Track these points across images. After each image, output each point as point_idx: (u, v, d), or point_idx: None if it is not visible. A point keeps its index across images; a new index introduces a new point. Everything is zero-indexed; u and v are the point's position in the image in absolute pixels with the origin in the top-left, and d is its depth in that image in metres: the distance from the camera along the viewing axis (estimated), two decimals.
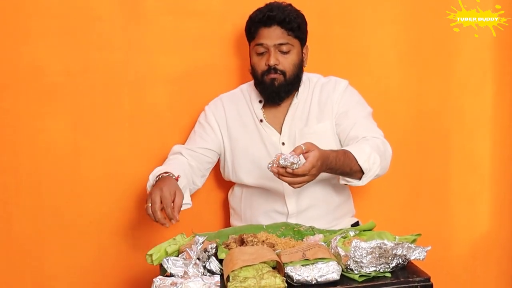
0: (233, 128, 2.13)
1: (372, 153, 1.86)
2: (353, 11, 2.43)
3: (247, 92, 2.16)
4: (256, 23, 2.03)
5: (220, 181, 2.31)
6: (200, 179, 2.14)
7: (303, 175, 1.66)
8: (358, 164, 1.83)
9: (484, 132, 2.57)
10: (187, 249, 1.54)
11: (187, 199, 1.93)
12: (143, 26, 2.30)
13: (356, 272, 1.50)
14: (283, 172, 1.65)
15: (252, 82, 2.16)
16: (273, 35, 2.00)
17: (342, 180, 1.93)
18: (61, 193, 2.30)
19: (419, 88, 2.50)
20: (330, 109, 2.06)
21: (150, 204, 1.75)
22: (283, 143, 2.07)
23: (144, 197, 2.33)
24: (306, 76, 2.13)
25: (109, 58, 2.28)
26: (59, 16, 2.24)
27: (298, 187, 1.71)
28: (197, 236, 1.58)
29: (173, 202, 1.76)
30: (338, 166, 1.79)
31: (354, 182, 1.90)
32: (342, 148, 1.88)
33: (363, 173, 1.86)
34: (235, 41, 2.35)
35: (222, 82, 2.31)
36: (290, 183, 1.69)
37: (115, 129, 2.32)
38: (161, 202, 1.75)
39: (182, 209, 1.90)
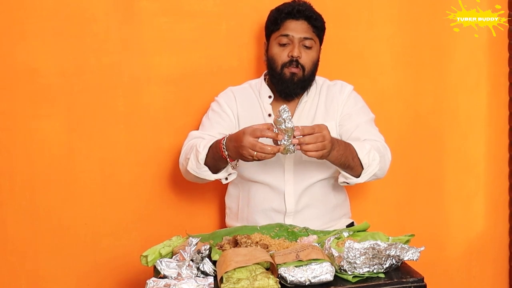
0: (243, 120, 2.13)
1: (372, 150, 1.90)
2: (352, 11, 2.44)
3: (256, 88, 2.17)
4: (284, 14, 2.06)
5: (215, 182, 2.31)
6: None
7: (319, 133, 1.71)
8: (358, 158, 1.86)
9: (479, 133, 2.58)
10: (180, 250, 1.54)
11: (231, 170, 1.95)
12: (138, 28, 2.30)
13: (349, 273, 1.50)
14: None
15: (260, 78, 2.17)
16: (299, 28, 2.05)
17: (342, 178, 1.94)
18: (56, 194, 2.30)
19: (415, 88, 2.51)
20: (335, 110, 2.10)
21: (255, 152, 1.73)
22: None
23: (138, 198, 2.34)
24: None
25: (104, 60, 2.28)
26: (54, 17, 2.24)
27: (320, 148, 1.72)
28: (190, 238, 1.58)
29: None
30: (341, 152, 1.82)
31: (354, 180, 1.92)
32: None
33: (362, 169, 1.89)
34: (230, 42, 2.35)
35: (217, 83, 2.31)
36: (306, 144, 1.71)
37: (110, 130, 2.32)
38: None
39: (228, 181, 1.96)
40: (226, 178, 1.98)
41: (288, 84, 2.05)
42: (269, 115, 2.10)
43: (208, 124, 2.12)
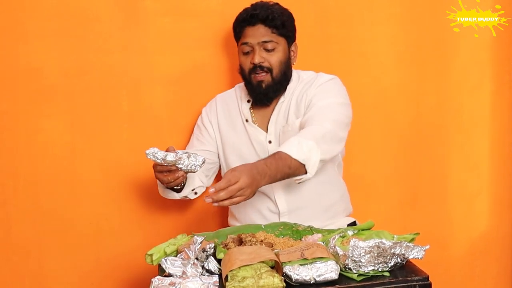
0: (223, 128, 2.15)
1: (302, 141, 1.79)
2: (353, 11, 2.43)
3: (239, 92, 2.17)
4: (240, 23, 2.06)
5: (218, 180, 2.31)
6: (205, 178, 2.15)
7: (239, 189, 1.62)
8: (295, 159, 1.77)
9: (482, 132, 2.57)
10: (185, 249, 1.54)
11: (198, 183, 2.07)
12: (141, 27, 2.30)
13: (354, 271, 1.49)
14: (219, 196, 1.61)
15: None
16: (257, 34, 2.02)
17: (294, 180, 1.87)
18: (59, 193, 2.30)
19: (418, 87, 2.51)
20: (304, 104, 2.04)
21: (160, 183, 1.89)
22: (269, 142, 2.07)
23: (142, 197, 2.35)
24: (297, 74, 2.12)
25: (107, 59, 2.28)
26: (57, 17, 2.24)
27: (236, 202, 1.64)
28: (195, 236, 1.58)
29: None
30: (274, 172, 1.72)
31: (304, 177, 1.83)
32: (271, 153, 1.82)
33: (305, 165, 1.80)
34: (232, 41, 2.34)
35: (219, 82, 2.31)
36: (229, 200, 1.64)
37: (113, 130, 2.32)
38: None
39: (197, 195, 2.07)
40: (196, 193, 2.06)
41: (257, 93, 2.05)
42: (246, 120, 2.10)
43: (191, 140, 2.21)
